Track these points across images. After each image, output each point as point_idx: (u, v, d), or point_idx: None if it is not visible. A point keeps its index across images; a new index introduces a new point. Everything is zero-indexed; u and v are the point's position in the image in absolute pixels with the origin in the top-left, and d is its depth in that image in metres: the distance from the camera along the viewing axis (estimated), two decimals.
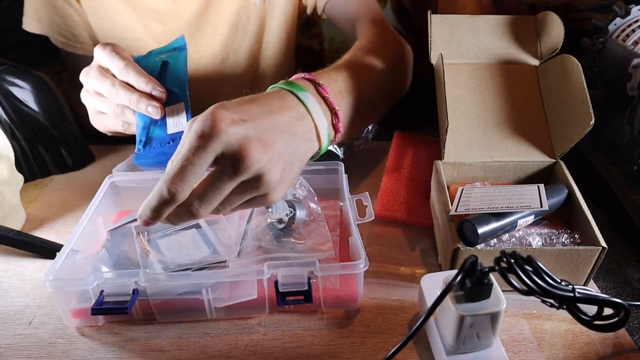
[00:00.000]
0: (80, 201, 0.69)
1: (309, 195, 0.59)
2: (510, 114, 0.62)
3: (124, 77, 0.56)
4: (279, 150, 0.44)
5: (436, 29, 0.66)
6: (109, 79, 0.56)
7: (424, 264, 0.57)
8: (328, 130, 0.50)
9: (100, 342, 0.48)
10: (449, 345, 0.43)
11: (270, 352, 0.47)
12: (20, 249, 0.59)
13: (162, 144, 0.56)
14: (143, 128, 0.57)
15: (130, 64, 0.56)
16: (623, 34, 0.70)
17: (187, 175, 0.40)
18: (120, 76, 0.56)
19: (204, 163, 0.41)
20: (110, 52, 0.57)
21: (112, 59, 0.56)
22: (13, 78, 0.70)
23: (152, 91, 0.56)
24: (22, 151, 0.72)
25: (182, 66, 0.59)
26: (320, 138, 0.50)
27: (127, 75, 0.56)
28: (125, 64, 0.56)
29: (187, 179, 0.41)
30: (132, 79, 0.56)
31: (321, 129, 0.49)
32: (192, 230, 0.56)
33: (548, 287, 0.40)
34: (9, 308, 0.52)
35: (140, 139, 0.57)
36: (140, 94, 0.56)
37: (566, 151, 0.58)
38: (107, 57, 0.57)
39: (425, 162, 0.70)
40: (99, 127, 0.64)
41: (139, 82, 0.56)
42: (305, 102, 0.48)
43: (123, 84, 0.56)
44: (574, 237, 0.52)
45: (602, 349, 0.47)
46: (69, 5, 0.80)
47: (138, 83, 0.56)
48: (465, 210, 0.52)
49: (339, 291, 0.50)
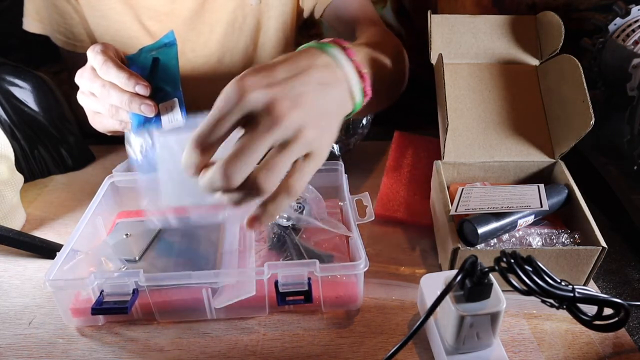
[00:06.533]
0: (80, 201, 0.69)
1: (311, 194, 0.59)
2: (510, 114, 0.62)
3: (104, 75, 0.55)
4: (311, 103, 0.43)
5: (436, 29, 0.66)
6: (99, 80, 0.56)
7: (424, 264, 0.57)
8: (360, 87, 0.49)
9: (100, 342, 0.48)
10: (449, 345, 0.43)
11: (270, 352, 0.47)
12: (20, 249, 0.59)
13: None
14: (138, 126, 0.57)
15: (110, 61, 0.55)
16: (623, 34, 0.70)
17: (213, 135, 0.41)
18: (101, 74, 0.56)
19: (229, 124, 0.41)
20: (94, 51, 0.56)
21: (95, 58, 0.56)
22: (13, 78, 0.70)
23: (135, 87, 0.55)
24: (22, 151, 0.72)
25: (173, 62, 0.59)
26: (353, 93, 0.49)
27: (107, 72, 0.55)
28: (104, 61, 0.55)
29: (213, 140, 0.41)
30: (113, 76, 0.55)
31: (353, 84, 0.48)
32: None
33: (548, 287, 0.40)
34: (9, 308, 0.52)
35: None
36: (132, 94, 0.56)
37: (566, 151, 0.58)
38: (92, 56, 0.57)
39: (425, 162, 0.70)
40: (98, 128, 0.64)
41: (120, 79, 0.55)
42: (335, 58, 0.48)
43: (114, 84, 0.56)
44: (574, 237, 0.52)
45: (602, 349, 0.47)
46: (68, 3, 0.80)
47: (119, 79, 0.55)
48: (465, 210, 0.52)
49: (339, 291, 0.50)
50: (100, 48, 0.56)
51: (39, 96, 0.72)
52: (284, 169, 0.43)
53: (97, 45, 0.57)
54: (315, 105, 0.44)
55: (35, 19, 0.80)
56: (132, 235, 0.57)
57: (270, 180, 0.42)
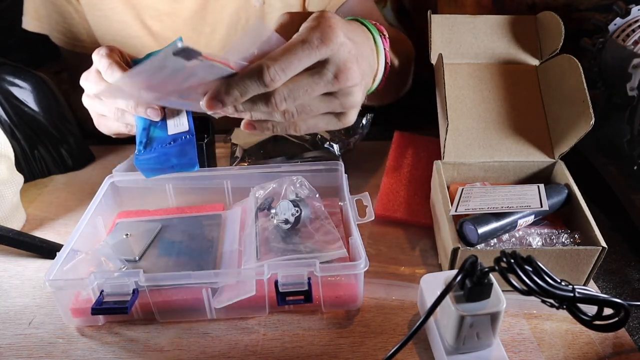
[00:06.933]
0: (80, 201, 0.69)
1: (310, 193, 0.59)
2: (510, 114, 0.62)
3: (109, 78, 0.55)
4: (363, 76, 0.49)
5: (436, 29, 0.66)
6: (105, 83, 0.56)
7: (424, 264, 0.57)
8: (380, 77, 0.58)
9: (100, 342, 0.48)
10: (449, 345, 0.43)
11: (270, 352, 0.47)
12: (20, 249, 0.59)
13: (162, 145, 0.56)
14: (143, 129, 0.57)
15: (116, 64, 0.55)
16: (623, 34, 0.70)
17: (290, 66, 0.43)
18: (106, 77, 0.56)
19: (309, 61, 0.43)
20: (100, 54, 0.56)
21: (100, 61, 0.56)
22: (13, 78, 0.70)
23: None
24: (22, 151, 0.72)
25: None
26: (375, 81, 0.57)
27: (112, 76, 0.55)
28: (109, 64, 0.55)
29: (288, 70, 0.43)
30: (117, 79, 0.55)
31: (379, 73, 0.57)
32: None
33: (548, 287, 0.40)
34: (9, 308, 0.52)
35: (141, 140, 0.57)
36: None
37: (566, 151, 0.58)
38: (97, 59, 0.56)
39: (425, 162, 0.70)
40: (103, 130, 0.64)
41: None
42: (378, 46, 0.56)
43: None
44: (574, 237, 0.52)
45: (602, 349, 0.47)
46: (67, 3, 0.80)
47: None
48: (465, 210, 0.52)
49: (339, 291, 0.50)
50: (106, 51, 0.56)
51: (39, 96, 0.72)
52: (312, 114, 0.48)
53: (103, 48, 0.57)
54: (364, 78, 0.50)
55: (35, 17, 0.80)
56: (132, 235, 0.57)
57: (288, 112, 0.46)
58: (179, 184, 0.64)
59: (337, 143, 0.69)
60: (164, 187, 0.64)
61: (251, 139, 0.73)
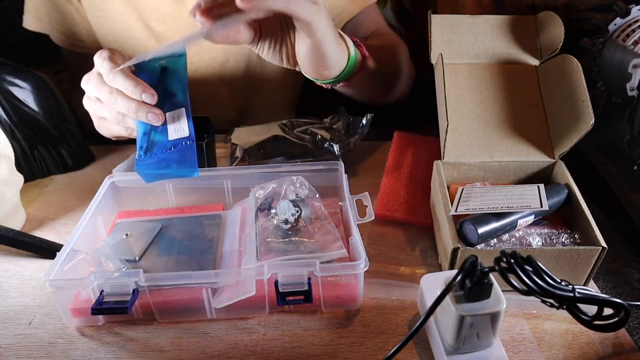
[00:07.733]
0: (80, 201, 0.69)
1: (310, 193, 0.59)
2: (510, 114, 0.62)
3: (111, 82, 0.55)
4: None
5: (436, 29, 0.66)
6: (106, 87, 0.56)
7: (424, 264, 0.57)
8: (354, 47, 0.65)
9: (100, 342, 0.48)
10: (449, 345, 0.43)
11: (270, 352, 0.47)
12: (20, 249, 0.59)
13: (163, 150, 0.56)
14: (143, 134, 0.57)
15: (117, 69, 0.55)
16: (623, 34, 0.70)
17: None
18: (108, 80, 0.55)
19: None
20: (102, 57, 0.56)
21: (102, 64, 0.56)
22: (13, 78, 0.70)
23: (141, 95, 0.55)
24: (22, 151, 0.72)
25: (182, 71, 0.58)
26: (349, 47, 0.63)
27: (114, 79, 0.55)
28: (111, 68, 0.55)
29: None
30: (120, 83, 0.55)
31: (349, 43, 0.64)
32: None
33: (548, 287, 0.40)
34: (9, 308, 0.52)
35: (141, 145, 0.57)
36: (139, 101, 0.55)
37: (566, 151, 0.58)
38: (99, 62, 0.56)
39: (425, 162, 0.70)
40: (104, 133, 0.64)
41: (127, 86, 0.55)
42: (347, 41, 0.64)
43: (120, 92, 0.56)
44: (574, 237, 0.52)
45: (602, 349, 0.47)
46: (68, 3, 0.80)
47: (126, 87, 0.55)
48: (465, 210, 0.52)
49: (339, 291, 0.50)
50: (108, 54, 0.56)
51: (39, 96, 0.72)
52: None
53: (105, 51, 0.57)
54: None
55: (35, 16, 0.80)
56: (132, 235, 0.57)
57: None
58: (179, 184, 0.64)
59: (337, 143, 0.69)
60: (164, 187, 0.64)
61: (251, 139, 0.73)
